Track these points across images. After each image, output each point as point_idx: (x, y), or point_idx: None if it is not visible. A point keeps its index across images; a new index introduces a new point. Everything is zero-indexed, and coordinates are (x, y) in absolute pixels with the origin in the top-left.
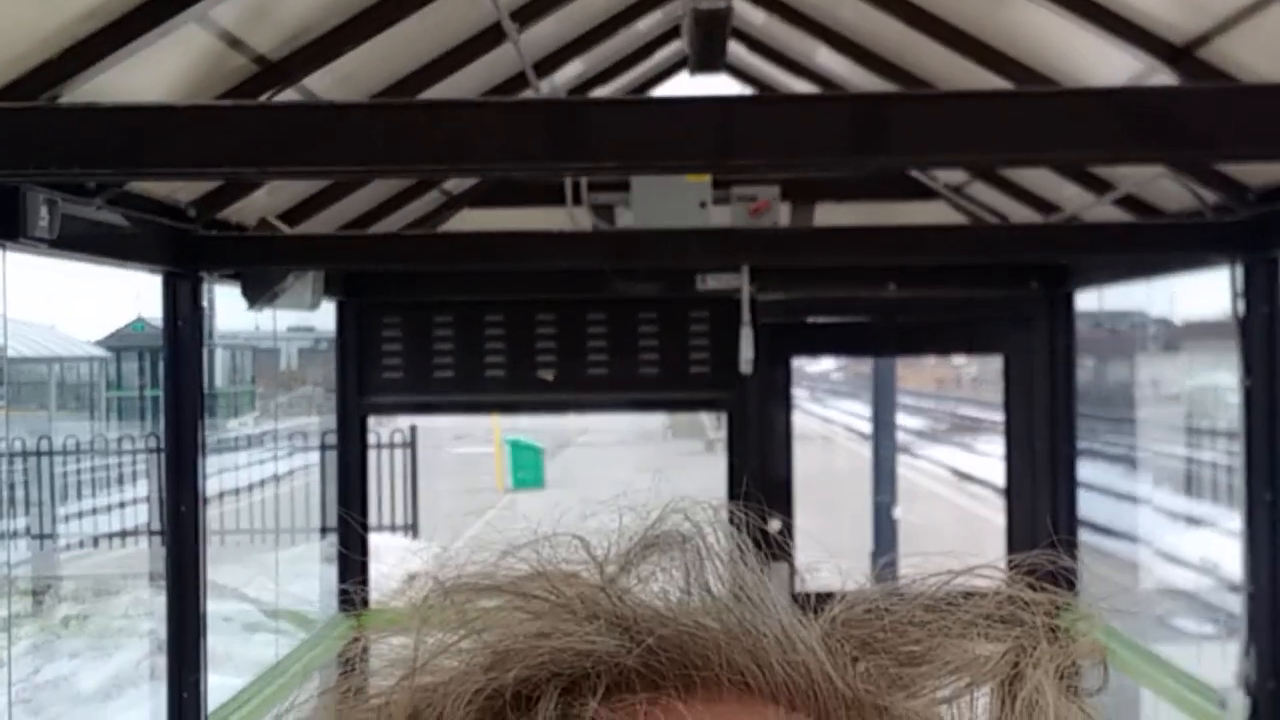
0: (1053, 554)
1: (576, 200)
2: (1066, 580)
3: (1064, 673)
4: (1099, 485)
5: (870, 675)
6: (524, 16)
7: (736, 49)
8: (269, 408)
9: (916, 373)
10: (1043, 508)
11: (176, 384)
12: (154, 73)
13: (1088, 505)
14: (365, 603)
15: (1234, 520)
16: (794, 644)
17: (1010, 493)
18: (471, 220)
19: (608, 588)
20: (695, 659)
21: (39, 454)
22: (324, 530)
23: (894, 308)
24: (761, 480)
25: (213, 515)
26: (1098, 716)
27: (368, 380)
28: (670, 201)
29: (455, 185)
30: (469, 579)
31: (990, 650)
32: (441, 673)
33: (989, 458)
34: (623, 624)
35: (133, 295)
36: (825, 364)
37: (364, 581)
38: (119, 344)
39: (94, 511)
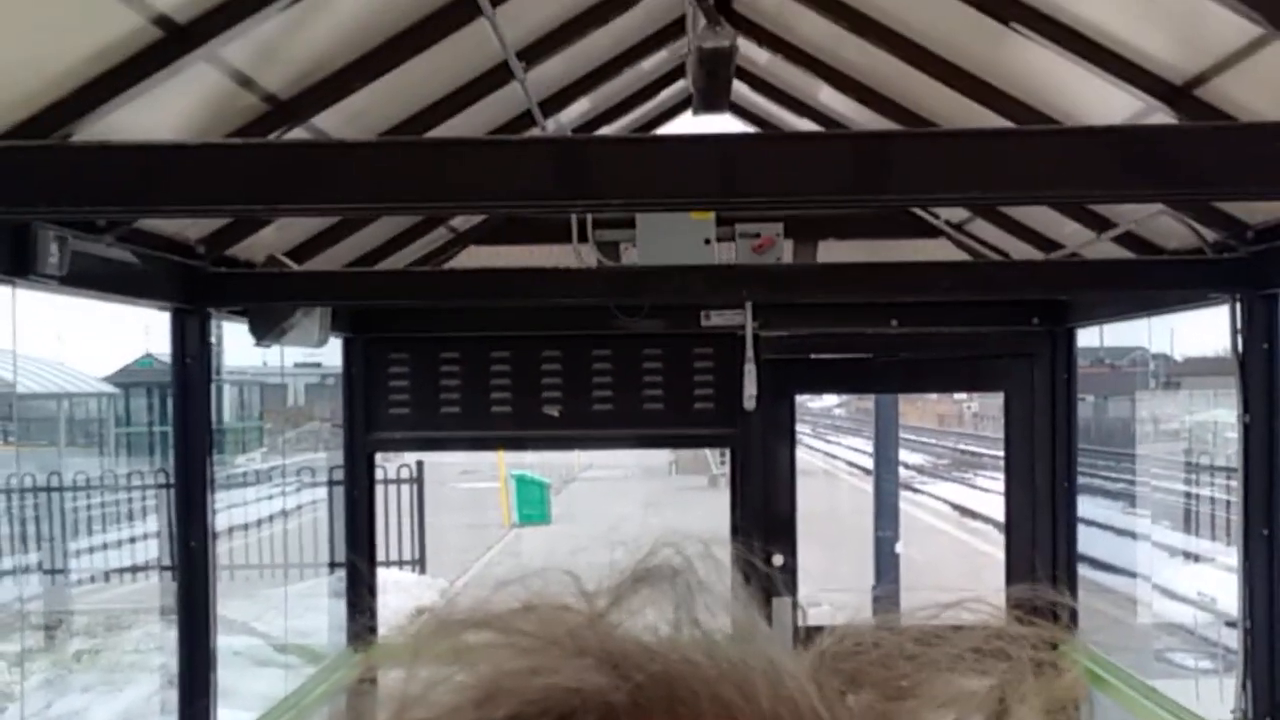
0: (1039, 588)
1: (582, 238)
2: (1054, 614)
3: (1051, 708)
4: (1099, 521)
5: (858, 710)
6: (530, 56)
7: (740, 88)
8: (276, 443)
9: (919, 409)
10: (1043, 543)
11: (185, 420)
12: (165, 111)
13: (1087, 541)
14: (374, 634)
15: (1231, 555)
16: (782, 678)
17: (1010, 528)
18: (478, 257)
19: (597, 623)
20: (683, 694)
21: (49, 490)
22: (332, 565)
23: (896, 344)
24: (765, 516)
25: (222, 550)
26: None
27: (375, 416)
28: (675, 239)
29: (462, 222)
30: (461, 614)
31: (978, 685)
32: (435, 708)
33: (990, 493)
34: (611, 660)
35: (141, 331)
36: (828, 400)
37: (372, 616)
38: (127, 380)
39: (104, 547)
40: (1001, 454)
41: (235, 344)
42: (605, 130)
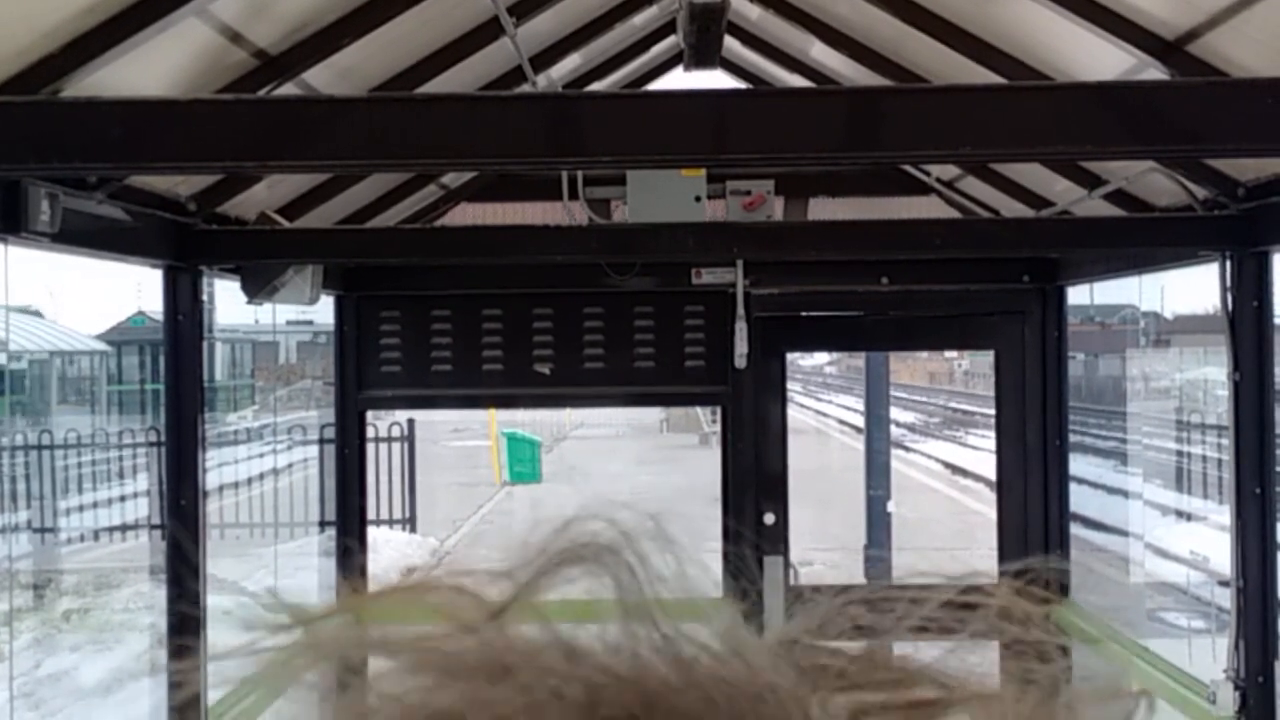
0: (1032, 569)
1: (573, 195)
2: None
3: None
4: (1091, 479)
5: (847, 713)
6: (521, 11)
7: (731, 44)
8: (268, 401)
9: (910, 367)
10: (1034, 501)
11: (177, 377)
12: (155, 67)
13: (1079, 499)
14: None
15: (1224, 514)
16: (765, 691)
17: (1001, 487)
18: (469, 215)
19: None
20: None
21: (40, 448)
22: (323, 524)
23: (887, 302)
24: (756, 474)
25: (213, 509)
26: None
27: (366, 374)
28: (665, 196)
29: (453, 180)
30: (356, 639)
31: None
32: None
33: (981, 451)
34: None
35: (133, 289)
36: (819, 358)
37: (363, 576)
38: (119, 337)
39: (95, 505)
40: (993, 412)
41: (227, 301)
42: (596, 86)
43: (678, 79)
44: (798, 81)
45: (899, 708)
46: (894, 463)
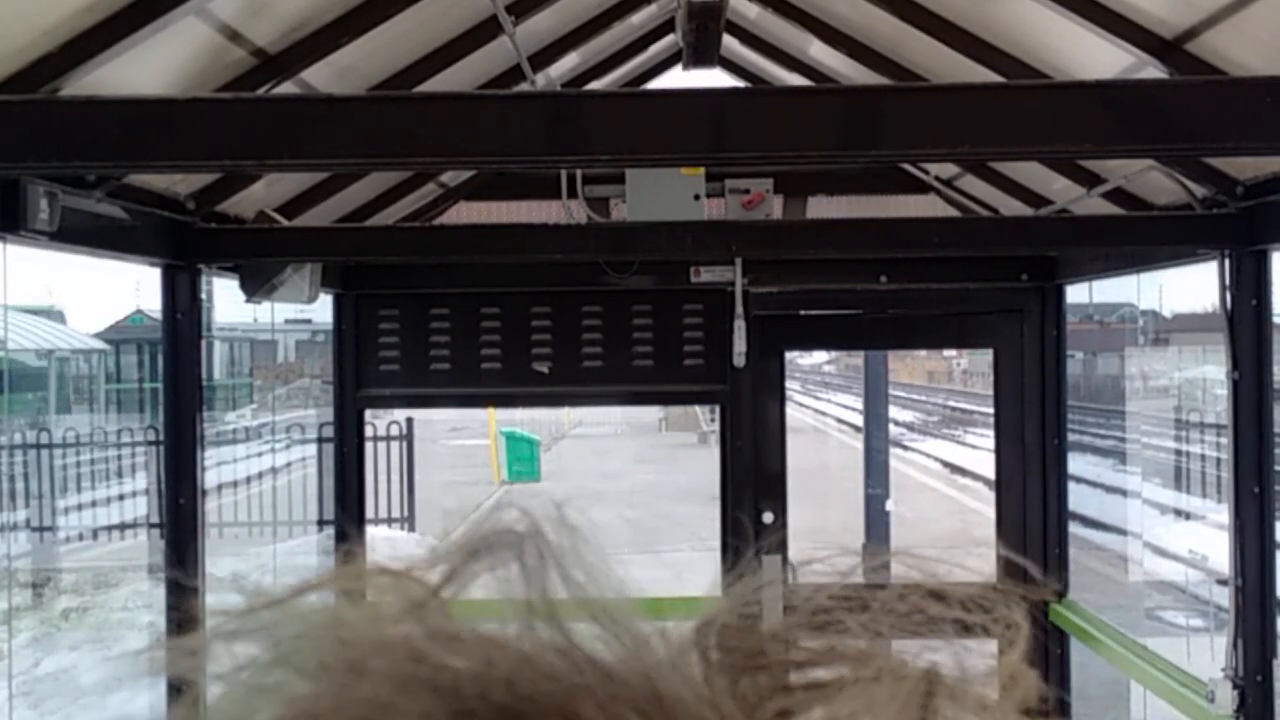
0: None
1: (572, 193)
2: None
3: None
4: (1089, 478)
5: (753, 696)
6: (520, 10)
7: (730, 43)
8: (266, 400)
9: (909, 366)
10: (1033, 500)
11: (175, 376)
12: (154, 66)
13: (1077, 498)
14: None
15: (1222, 512)
16: (661, 696)
17: (1000, 485)
18: (468, 213)
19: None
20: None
21: (39, 446)
22: (321, 523)
23: (885, 301)
24: (755, 473)
25: (211, 508)
26: None
27: (365, 373)
28: (664, 194)
29: (452, 178)
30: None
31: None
32: None
33: (980, 450)
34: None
35: (132, 287)
36: (818, 357)
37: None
38: (118, 336)
39: (93, 504)
40: (991, 411)
41: (225, 300)
42: (594, 85)
43: (676, 78)
44: (797, 80)
45: (799, 689)
46: (893, 462)
